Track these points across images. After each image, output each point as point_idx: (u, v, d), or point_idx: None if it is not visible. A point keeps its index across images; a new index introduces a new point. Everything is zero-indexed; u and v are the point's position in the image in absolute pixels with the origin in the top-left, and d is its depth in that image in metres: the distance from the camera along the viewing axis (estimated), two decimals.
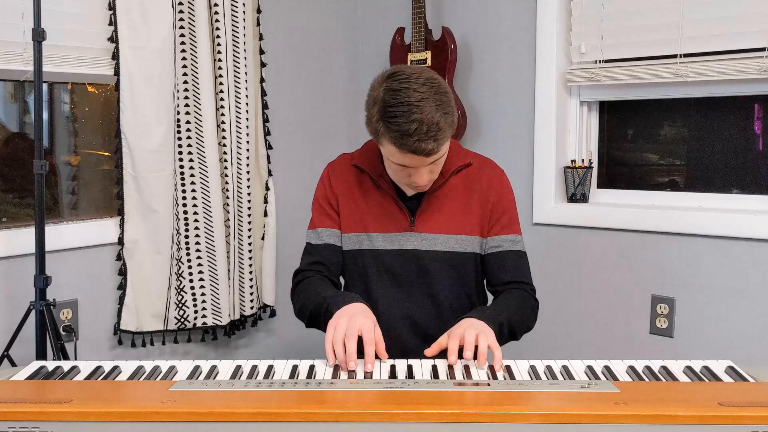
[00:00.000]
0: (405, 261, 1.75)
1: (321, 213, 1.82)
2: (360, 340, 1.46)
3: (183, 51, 2.50)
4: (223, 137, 2.62)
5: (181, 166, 2.54)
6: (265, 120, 2.83)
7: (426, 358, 1.48)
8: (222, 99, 2.60)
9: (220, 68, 2.58)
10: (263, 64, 2.81)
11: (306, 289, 1.74)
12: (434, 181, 1.75)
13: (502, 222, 1.77)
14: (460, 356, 1.44)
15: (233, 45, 2.62)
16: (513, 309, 1.68)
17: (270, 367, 1.42)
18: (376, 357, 1.47)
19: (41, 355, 2.11)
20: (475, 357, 1.44)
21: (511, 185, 1.83)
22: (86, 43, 2.38)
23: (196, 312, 2.62)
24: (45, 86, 2.42)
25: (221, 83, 2.59)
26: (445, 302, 1.76)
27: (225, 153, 2.63)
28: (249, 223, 2.72)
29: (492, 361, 1.44)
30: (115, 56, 2.40)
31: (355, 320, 1.49)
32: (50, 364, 1.45)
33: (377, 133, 1.59)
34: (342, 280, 1.87)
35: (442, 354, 1.52)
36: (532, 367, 1.42)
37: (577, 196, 2.76)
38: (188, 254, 2.58)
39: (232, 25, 2.61)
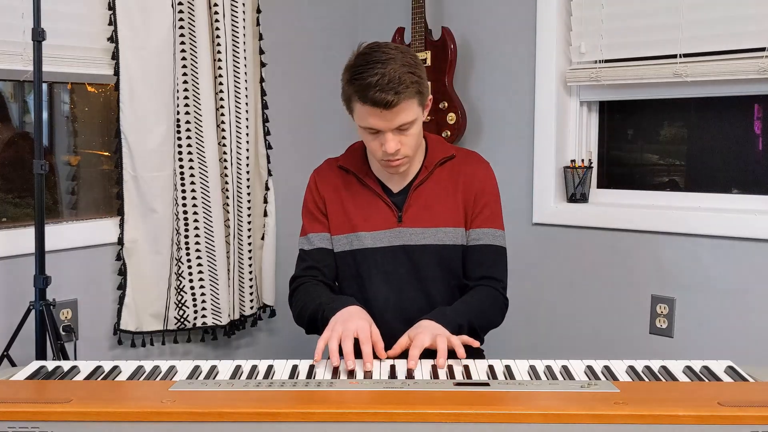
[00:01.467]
0: (395, 257, 1.76)
1: (310, 219, 1.84)
2: (357, 342, 1.47)
3: (183, 51, 2.50)
4: (223, 137, 2.62)
5: (181, 166, 2.54)
6: (265, 120, 2.83)
7: (425, 357, 1.48)
8: (222, 99, 2.60)
9: (219, 68, 2.58)
10: (263, 64, 2.81)
11: (302, 295, 1.75)
12: (419, 174, 1.78)
13: (484, 214, 1.78)
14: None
15: (233, 45, 2.62)
16: (477, 309, 1.70)
17: (270, 367, 1.42)
18: (376, 357, 1.47)
19: (41, 355, 2.11)
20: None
21: (496, 179, 1.83)
22: (86, 43, 2.38)
23: (195, 312, 2.62)
24: (45, 86, 2.42)
25: (221, 83, 2.59)
26: (437, 296, 1.77)
27: (225, 153, 2.63)
28: (249, 223, 2.72)
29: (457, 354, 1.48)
30: (115, 56, 2.40)
31: (350, 323, 1.50)
32: (50, 364, 1.45)
33: (346, 96, 1.66)
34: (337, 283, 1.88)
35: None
36: (532, 367, 1.42)
37: (576, 196, 2.76)
38: (188, 254, 2.58)
39: (232, 25, 2.61)
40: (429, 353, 1.48)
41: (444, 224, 1.76)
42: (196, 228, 2.58)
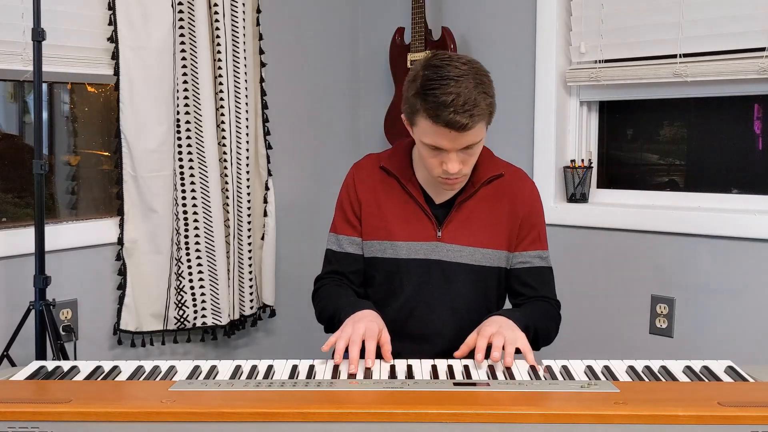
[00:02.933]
0: (429, 271, 1.70)
1: (343, 219, 1.78)
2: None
3: (183, 51, 2.50)
4: (223, 137, 2.62)
5: (181, 166, 2.54)
6: (265, 120, 2.83)
7: (426, 358, 1.47)
8: (222, 99, 2.60)
9: (219, 68, 2.58)
10: (263, 64, 2.81)
11: (324, 295, 1.73)
12: (465, 190, 1.71)
13: (531, 237, 1.74)
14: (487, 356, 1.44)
15: (233, 45, 2.62)
16: (539, 318, 1.67)
17: (270, 367, 1.42)
18: (380, 358, 1.47)
19: (41, 355, 2.11)
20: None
21: (541, 199, 1.79)
22: (86, 43, 2.38)
23: (195, 312, 2.62)
24: (45, 86, 2.42)
25: (221, 83, 2.59)
26: (466, 315, 1.71)
27: (225, 153, 2.63)
28: (249, 223, 2.72)
29: (527, 361, 1.44)
30: (115, 56, 2.40)
31: (360, 324, 1.48)
32: (50, 364, 1.45)
33: (413, 110, 1.56)
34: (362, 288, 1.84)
35: (444, 354, 1.52)
36: (532, 367, 1.42)
37: (576, 196, 2.76)
38: (188, 254, 2.58)
39: (232, 25, 2.61)
40: (435, 355, 1.48)
41: (483, 245, 1.70)
42: (196, 228, 2.58)
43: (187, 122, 2.54)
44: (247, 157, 2.70)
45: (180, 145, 2.54)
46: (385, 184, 1.75)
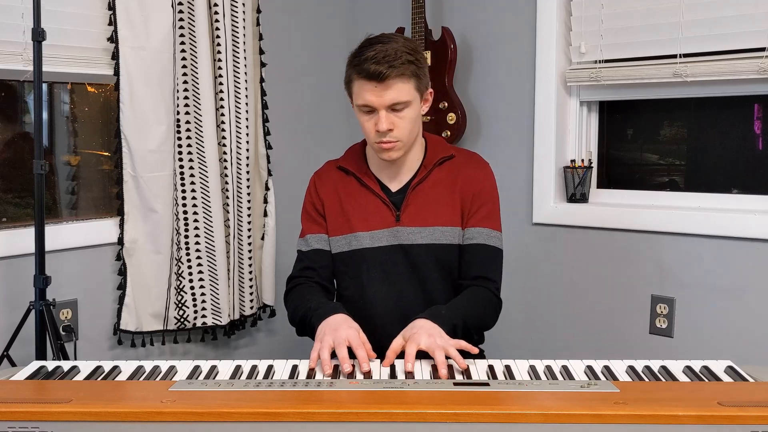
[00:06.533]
0: (394, 256, 1.76)
1: (308, 220, 1.86)
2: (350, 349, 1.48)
3: (183, 51, 2.50)
4: (223, 137, 2.62)
5: (181, 166, 2.54)
6: (265, 120, 2.83)
7: (426, 357, 1.48)
8: (222, 99, 2.60)
9: (219, 68, 2.58)
10: (263, 64, 2.81)
11: (295, 297, 1.77)
12: (418, 174, 1.79)
13: (480, 214, 1.78)
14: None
15: (233, 45, 2.62)
16: (470, 309, 1.68)
17: (270, 367, 1.42)
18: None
19: (41, 355, 2.11)
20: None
21: (495, 181, 1.83)
22: (86, 43, 2.38)
23: (195, 312, 2.62)
24: (45, 86, 2.42)
25: (221, 83, 2.59)
26: (436, 295, 1.76)
27: (225, 153, 2.63)
28: (249, 223, 2.72)
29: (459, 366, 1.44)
30: (115, 56, 2.40)
31: (340, 332, 1.50)
32: (50, 364, 1.45)
33: (348, 80, 1.70)
34: (335, 284, 1.88)
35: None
36: (532, 367, 1.42)
37: (576, 196, 2.76)
38: (188, 254, 2.58)
39: (232, 25, 2.61)
40: (426, 354, 1.48)
41: (441, 223, 1.76)
42: (196, 228, 2.58)
43: (187, 122, 2.54)
44: (247, 157, 2.70)
45: (180, 145, 2.54)
46: (344, 182, 1.83)
